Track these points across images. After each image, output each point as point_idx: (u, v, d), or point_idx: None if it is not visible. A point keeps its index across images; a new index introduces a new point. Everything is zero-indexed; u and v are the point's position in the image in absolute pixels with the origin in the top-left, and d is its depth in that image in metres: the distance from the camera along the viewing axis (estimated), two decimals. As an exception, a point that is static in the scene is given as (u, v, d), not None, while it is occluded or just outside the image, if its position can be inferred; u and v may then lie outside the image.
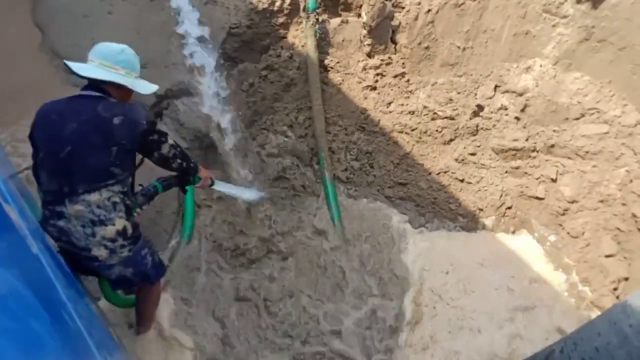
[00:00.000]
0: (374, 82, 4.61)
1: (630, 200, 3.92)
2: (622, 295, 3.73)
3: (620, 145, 4.11)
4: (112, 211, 2.31)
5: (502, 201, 4.50)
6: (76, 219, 2.25)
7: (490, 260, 4.27)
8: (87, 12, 3.92)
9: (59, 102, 2.34)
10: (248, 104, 4.49)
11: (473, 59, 4.65)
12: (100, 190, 2.26)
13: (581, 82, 4.35)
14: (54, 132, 2.24)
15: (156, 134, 2.39)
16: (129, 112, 2.29)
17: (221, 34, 4.24)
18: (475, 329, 3.79)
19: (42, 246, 2.02)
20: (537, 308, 3.95)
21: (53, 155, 2.24)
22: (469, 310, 3.89)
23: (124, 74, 2.34)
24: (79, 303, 2.09)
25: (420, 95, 4.65)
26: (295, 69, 4.56)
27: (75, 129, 2.22)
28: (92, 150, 2.23)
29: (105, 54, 2.32)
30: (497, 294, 4.02)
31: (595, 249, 4.03)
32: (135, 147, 2.35)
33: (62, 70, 3.72)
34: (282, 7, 4.40)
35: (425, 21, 4.47)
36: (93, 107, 2.25)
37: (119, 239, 2.34)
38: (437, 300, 3.94)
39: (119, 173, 2.31)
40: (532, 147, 4.47)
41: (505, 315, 3.87)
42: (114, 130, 2.23)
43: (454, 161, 4.61)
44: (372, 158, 4.63)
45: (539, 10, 4.35)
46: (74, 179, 2.23)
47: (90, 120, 2.23)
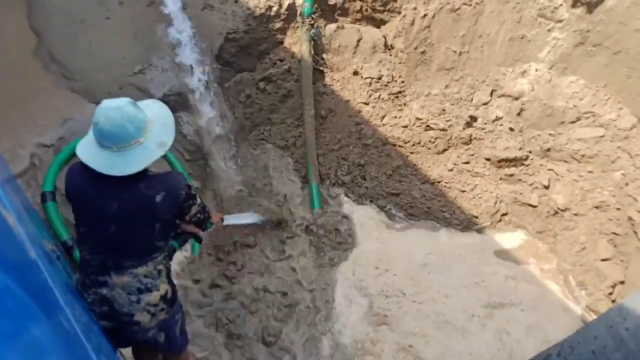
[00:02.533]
0: (367, 97, 4.66)
1: (626, 203, 3.93)
2: (618, 299, 3.74)
3: (616, 148, 4.13)
4: (158, 278, 2.30)
5: (497, 208, 4.53)
6: (122, 288, 2.21)
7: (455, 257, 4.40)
8: (85, 16, 3.92)
9: (91, 172, 2.05)
10: (245, 114, 4.52)
11: (469, 64, 4.67)
12: (147, 264, 2.24)
13: (577, 86, 4.37)
14: (96, 211, 2.12)
15: (190, 199, 2.34)
16: (169, 186, 2.18)
17: (218, 40, 4.25)
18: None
19: (40, 251, 2.02)
20: (515, 306, 4.03)
21: (97, 234, 2.16)
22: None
23: (134, 146, 2.06)
24: (76, 308, 2.09)
25: (413, 106, 4.69)
26: (293, 81, 4.61)
27: (117, 209, 2.09)
28: (137, 229, 2.16)
29: (117, 134, 2.01)
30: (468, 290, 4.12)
31: (591, 253, 4.04)
32: (173, 217, 2.30)
33: (58, 75, 3.72)
34: (279, 13, 4.42)
35: (422, 26, 4.49)
36: (134, 184, 2.10)
37: (161, 302, 2.33)
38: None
39: (163, 245, 2.29)
40: (526, 155, 4.51)
41: (481, 311, 3.95)
42: (157, 208, 2.14)
43: (447, 170, 4.64)
44: (364, 170, 4.69)
45: (534, 14, 4.38)
46: (120, 256, 2.19)
47: (133, 199, 2.11)
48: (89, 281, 2.25)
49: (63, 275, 2.41)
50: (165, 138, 2.17)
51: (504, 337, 3.81)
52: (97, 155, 2.03)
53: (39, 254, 1.93)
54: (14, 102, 3.45)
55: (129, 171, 2.03)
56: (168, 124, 2.22)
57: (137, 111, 2.06)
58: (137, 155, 2.06)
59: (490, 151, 4.58)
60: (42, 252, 2.13)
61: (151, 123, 2.14)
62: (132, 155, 2.05)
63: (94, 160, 2.03)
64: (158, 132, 2.15)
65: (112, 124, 1.98)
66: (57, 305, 1.80)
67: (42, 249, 2.21)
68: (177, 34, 4.07)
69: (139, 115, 2.06)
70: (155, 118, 2.18)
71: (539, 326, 3.90)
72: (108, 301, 2.24)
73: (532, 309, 4.02)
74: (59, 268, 2.46)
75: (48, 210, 3.11)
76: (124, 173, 2.03)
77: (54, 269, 2.24)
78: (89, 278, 2.25)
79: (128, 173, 2.03)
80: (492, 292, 4.11)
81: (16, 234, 1.78)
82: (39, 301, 1.58)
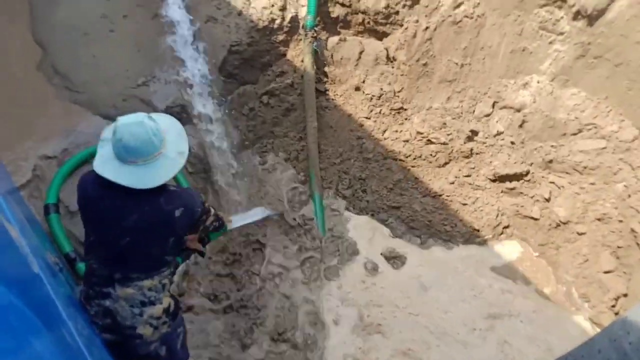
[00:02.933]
0: (369, 112, 4.69)
1: (629, 215, 3.93)
2: (621, 311, 3.73)
3: (617, 160, 4.13)
4: (162, 292, 2.31)
5: (499, 221, 4.54)
6: (125, 300, 2.22)
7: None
8: (89, 29, 3.95)
9: (108, 183, 2.07)
10: (248, 127, 4.56)
11: (471, 75, 4.69)
12: (153, 277, 2.27)
13: (578, 98, 4.39)
14: (111, 222, 2.13)
15: (205, 214, 2.40)
16: (187, 202, 2.23)
17: (222, 52, 4.28)
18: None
19: (42, 264, 2.02)
20: (514, 317, 4.06)
21: (108, 244, 2.18)
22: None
23: (151, 161, 2.10)
24: (79, 321, 2.09)
25: (414, 120, 4.71)
26: (295, 95, 4.65)
27: (136, 220, 2.12)
28: (152, 242, 2.19)
29: (143, 149, 2.06)
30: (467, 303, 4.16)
31: (593, 265, 4.04)
32: (185, 233, 2.35)
33: (62, 88, 3.74)
34: (282, 25, 4.45)
35: (423, 38, 4.52)
36: (155, 198, 2.14)
37: (163, 316, 2.34)
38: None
39: (171, 259, 2.33)
40: (527, 170, 4.52)
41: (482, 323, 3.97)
42: (175, 223, 2.19)
43: (448, 184, 4.66)
44: (365, 184, 4.72)
45: (535, 27, 4.40)
46: (128, 268, 2.21)
47: (153, 212, 2.14)
48: (93, 292, 2.26)
49: (66, 288, 2.41)
50: (182, 147, 2.23)
51: (506, 348, 3.80)
52: (121, 171, 2.06)
53: (42, 267, 1.94)
54: (17, 114, 3.48)
55: (158, 183, 2.09)
56: (181, 134, 2.27)
57: (155, 124, 2.11)
58: (161, 167, 2.11)
59: (491, 167, 4.61)
60: (45, 265, 2.13)
61: (165, 134, 2.18)
62: (156, 167, 2.10)
63: (120, 175, 2.06)
64: (174, 141, 2.21)
65: (138, 139, 2.03)
66: (59, 318, 1.80)
67: (44, 261, 2.22)
68: (180, 46, 4.10)
69: (158, 128, 2.12)
70: (167, 128, 2.22)
71: (540, 336, 3.89)
72: (111, 313, 2.25)
73: (531, 320, 4.02)
74: (61, 280, 2.47)
75: (51, 223, 3.11)
76: (154, 185, 2.08)
77: (57, 281, 2.24)
78: (93, 289, 2.26)
79: (157, 184, 2.09)
80: (490, 303, 4.11)
81: (19, 247, 1.79)
82: (42, 315, 1.58)
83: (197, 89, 4.12)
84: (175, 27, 4.11)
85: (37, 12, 3.87)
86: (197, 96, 4.12)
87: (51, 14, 3.89)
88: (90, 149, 3.49)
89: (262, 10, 4.32)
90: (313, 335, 3.78)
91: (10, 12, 3.80)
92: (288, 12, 4.46)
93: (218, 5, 4.28)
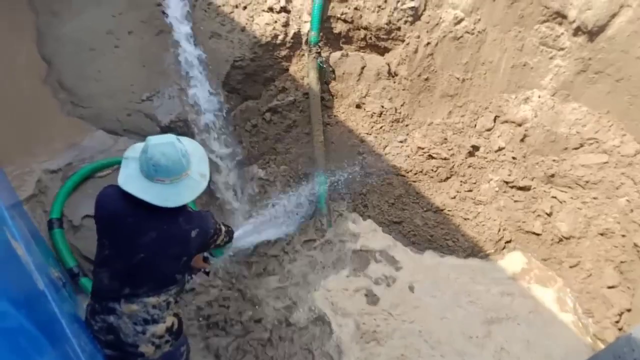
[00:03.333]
0: (370, 128, 4.73)
1: (632, 229, 3.93)
2: (625, 327, 3.72)
3: (620, 174, 4.15)
4: (165, 310, 2.33)
5: (501, 235, 4.54)
6: (129, 317, 2.24)
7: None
8: (94, 45, 3.98)
9: (129, 198, 2.14)
10: (251, 143, 4.60)
11: (472, 90, 4.72)
12: (160, 294, 2.29)
13: (579, 113, 4.41)
14: (130, 238, 2.17)
15: (217, 233, 2.47)
16: (202, 224, 2.33)
17: (225, 67, 4.31)
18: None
19: (47, 281, 2.03)
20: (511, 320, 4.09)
21: (122, 258, 2.20)
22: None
23: (190, 173, 2.21)
24: (82, 337, 2.09)
25: (415, 135, 4.74)
26: (298, 112, 4.69)
27: (155, 238, 2.17)
28: (166, 259, 2.24)
29: (173, 169, 2.14)
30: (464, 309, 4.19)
31: (597, 280, 4.03)
32: (198, 252, 2.42)
33: (67, 102, 3.77)
34: (284, 41, 4.49)
35: (425, 54, 4.55)
36: (175, 217, 2.21)
37: (166, 334, 2.35)
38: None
39: (180, 278, 2.37)
40: (529, 185, 4.53)
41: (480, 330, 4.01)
42: (190, 243, 2.27)
43: (450, 198, 4.67)
44: (366, 199, 4.74)
45: (536, 43, 4.44)
46: (138, 283, 2.23)
47: (171, 231, 2.20)
48: (99, 307, 2.27)
49: (69, 303, 2.42)
50: (204, 169, 2.32)
51: (503, 355, 3.80)
52: (147, 189, 2.13)
53: (47, 284, 1.95)
54: (22, 128, 3.50)
55: (182, 202, 2.17)
56: (203, 157, 2.36)
57: (183, 146, 2.21)
58: (186, 187, 2.20)
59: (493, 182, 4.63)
60: (49, 281, 2.14)
61: (190, 156, 2.27)
62: (182, 187, 2.18)
63: (147, 193, 2.12)
64: (197, 164, 2.29)
65: (169, 159, 2.12)
66: (64, 335, 1.80)
67: (49, 277, 2.23)
68: (184, 62, 4.13)
69: (187, 150, 2.22)
70: (192, 152, 2.30)
71: (538, 340, 3.94)
72: (114, 330, 2.25)
73: (529, 323, 4.08)
74: (65, 296, 2.48)
75: (55, 238, 3.12)
76: (178, 204, 2.16)
77: (61, 297, 2.25)
78: (100, 304, 2.27)
79: (181, 204, 2.16)
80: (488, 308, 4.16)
81: (25, 265, 1.80)
82: (47, 333, 1.59)
83: (200, 104, 4.15)
84: (179, 43, 4.14)
85: (43, 27, 3.91)
86: (200, 111, 4.15)
87: (57, 30, 3.93)
88: (94, 164, 3.51)
89: (265, 27, 4.36)
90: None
91: (16, 28, 3.85)
92: (291, 28, 4.50)
93: (222, 21, 4.32)
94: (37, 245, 2.46)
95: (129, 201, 2.14)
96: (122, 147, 3.77)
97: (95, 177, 3.54)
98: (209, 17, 4.31)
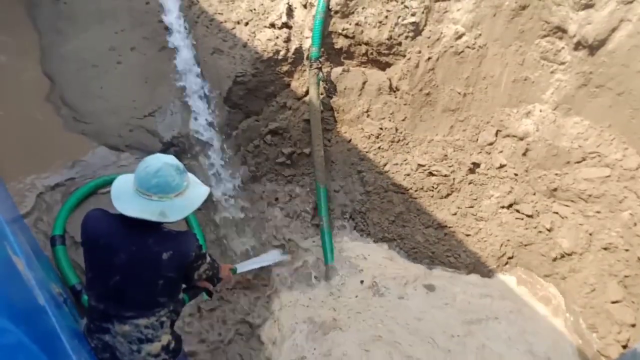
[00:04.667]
0: (369, 147, 4.76)
1: (635, 243, 3.90)
2: (630, 342, 3.67)
3: (622, 188, 4.12)
4: (160, 329, 2.29)
5: (503, 251, 4.52)
6: (123, 336, 2.22)
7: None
8: (97, 61, 4.02)
9: (108, 220, 2.17)
10: (255, 163, 4.67)
11: (474, 105, 4.73)
12: (149, 317, 2.25)
13: (581, 127, 4.40)
14: (104, 260, 2.15)
15: (200, 259, 2.35)
16: (178, 246, 2.21)
17: (227, 83, 4.34)
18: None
19: (48, 296, 2.02)
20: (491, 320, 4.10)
21: (102, 280, 2.19)
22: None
23: (157, 199, 2.13)
24: (82, 354, 2.07)
25: (415, 153, 4.75)
26: (300, 131, 4.74)
27: (125, 260, 2.13)
28: (140, 282, 2.18)
29: (143, 180, 2.12)
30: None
31: (601, 295, 3.99)
32: (180, 276, 2.30)
33: (69, 119, 3.79)
34: (286, 56, 4.53)
35: (426, 69, 4.57)
36: (144, 238, 2.15)
37: (162, 353, 2.32)
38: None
39: (165, 301, 2.28)
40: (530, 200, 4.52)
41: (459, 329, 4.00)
42: (161, 266, 2.16)
43: (451, 215, 4.66)
44: (365, 217, 4.74)
45: (537, 57, 4.45)
46: (122, 306, 2.20)
47: (140, 253, 2.14)
48: (94, 327, 2.26)
49: (70, 320, 2.40)
50: (170, 216, 2.17)
51: (486, 352, 3.81)
52: (133, 201, 2.11)
53: (47, 299, 1.94)
54: (24, 144, 3.52)
55: (131, 213, 2.07)
56: (181, 217, 2.23)
57: (171, 176, 2.15)
58: (143, 207, 2.11)
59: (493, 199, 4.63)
60: (50, 297, 2.13)
61: (188, 182, 2.25)
62: (139, 205, 2.11)
63: (132, 203, 2.10)
64: (171, 205, 2.18)
65: (145, 170, 2.11)
66: (64, 351, 1.79)
67: (49, 293, 2.22)
68: (187, 78, 4.16)
69: (169, 179, 2.14)
70: (191, 180, 2.30)
71: (520, 337, 3.96)
72: (110, 348, 2.24)
73: (510, 322, 4.08)
74: (65, 312, 2.46)
75: (57, 255, 3.12)
76: (130, 214, 2.07)
77: (62, 313, 2.24)
78: (94, 324, 2.26)
79: (130, 215, 2.07)
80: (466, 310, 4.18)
81: (26, 281, 1.79)
82: (47, 349, 1.58)
83: (202, 120, 4.16)
84: (182, 59, 4.18)
85: (47, 45, 3.95)
86: (202, 128, 4.17)
87: (60, 47, 3.97)
88: (97, 181, 3.52)
89: (267, 42, 4.40)
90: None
91: (20, 46, 3.88)
92: (292, 44, 4.54)
93: (224, 37, 4.36)
94: (39, 260, 2.45)
95: (108, 224, 2.15)
96: (125, 162, 3.79)
97: (98, 194, 3.55)
98: (210, 33, 4.36)
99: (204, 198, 2.29)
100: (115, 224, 2.14)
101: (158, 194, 2.11)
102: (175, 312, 2.40)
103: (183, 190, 2.20)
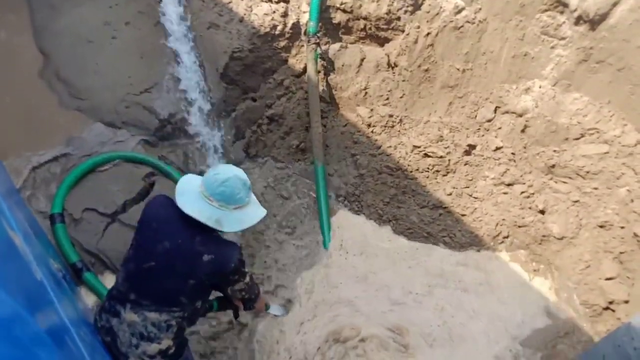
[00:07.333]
0: (365, 128, 4.75)
1: (632, 219, 3.93)
2: (623, 318, 3.72)
3: (620, 165, 4.13)
4: (164, 332, 2.29)
5: (498, 231, 4.53)
6: (128, 325, 2.24)
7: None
8: (92, 37, 3.96)
9: (168, 209, 2.26)
10: (249, 143, 4.68)
11: (473, 81, 4.70)
12: (162, 312, 2.26)
13: (580, 103, 4.38)
14: (148, 242, 2.22)
15: (238, 274, 2.35)
16: (221, 253, 2.24)
17: (223, 58, 4.29)
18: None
19: (46, 272, 2.03)
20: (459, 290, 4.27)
21: (137, 261, 2.24)
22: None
23: (217, 207, 2.21)
24: (81, 328, 2.09)
25: (411, 134, 4.72)
26: (295, 117, 4.74)
27: (167, 249, 2.18)
28: (172, 275, 2.21)
29: (210, 185, 2.21)
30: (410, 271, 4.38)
31: (595, 271, 4.02)
32: (212, 283, 2.33)
33: (64, 94, 3.75)
34: (283, 31, 4.47)
35: (425, 44, 4.53)
36: (192, 235, 2.21)
37: (158, 356, 2.32)
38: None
39: (185, 302, 2.30)
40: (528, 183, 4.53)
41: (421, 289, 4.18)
42: (199, 266, 2.19)
43: (446, 195, 4.66)
44: (360, 199, 4.75)
45: (537, 32, 4.40)
46: (143, 292, 2.23)
47: (183, 246, 2.19)
48: (108, 306, 2.30)
49: (69, 295, 2.41)
50: (224, 226, 2.25)
51: (444, 314, 3.96)
52: (195, 204, 2.20)
53: (46, 275, 1.95)
54: (20, 121, 3.49)
55: (190, 212, 2.17)
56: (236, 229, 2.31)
57: (237, 188, 2.23)
58: (202, 210, 2.19)
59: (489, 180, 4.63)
60: (49, 272, 2.14)
61: (237, 211, 2.28)
62: (199, 207, 2.20)
63: (185, 206, 2.18)
64: (228, 217, 2.25)
65: (214, 176, 2.21)
66: (62, 325, 1.80)
67: (48, 268, 2.23)
68: (183, 53, 4.12)
69: (234, 190, 2.22)
70: (253, 199, 2.39)
71: (487, 305, 4.13)
72: (113, 334, 2.27)
73: (478, 294, 4.24)
74: (65, 287, 2.47)
75: (57, 233, 3.11)
76: (188, 212, 2.17)
77: (61, 288, 2.25)
78: (109, 302, 2.30)
79: (188, 213, 2.16)
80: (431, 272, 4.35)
81: (23, 255, 1.79)
82: (45, 322, 1.58)
83: (198, 96, 4.13)
84: (177, 34, 4.12)
85: (41, 21, 3.89)
86: (198, 103, 4.14)
87: (54, 23, 3.91)
88: (95, 159, 3.50)
89: (264, 17, 4.34)
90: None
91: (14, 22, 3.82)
92: (289, 19, 4.48)
93: (220, 12, 4.30)
94: (37, 236, 2.46)
95: (167, 211, 2.25)
96: (121, 139, 3.76)
97: (97, 172, 3.54)
98: (206, 7, 4.29)
99: (259, 218, 2.35)
100: (173, 214, 2.22)
101: (220, 202, 2.20)
102: (189, 319, 2.40)
103: (244, 205, 2.28)
